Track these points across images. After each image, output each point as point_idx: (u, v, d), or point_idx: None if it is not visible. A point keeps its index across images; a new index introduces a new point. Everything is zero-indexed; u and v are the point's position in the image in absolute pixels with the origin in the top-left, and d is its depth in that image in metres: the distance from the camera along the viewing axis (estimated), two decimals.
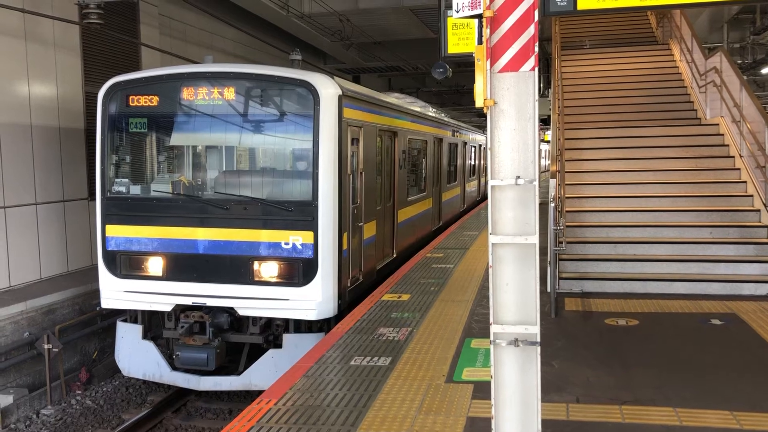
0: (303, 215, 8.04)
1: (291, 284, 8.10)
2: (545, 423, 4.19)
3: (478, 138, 24.21)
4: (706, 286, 8.93)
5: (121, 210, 8.56)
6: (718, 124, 12.19)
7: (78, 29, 11.97)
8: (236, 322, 8.51)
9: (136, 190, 8.71)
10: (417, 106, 15.02)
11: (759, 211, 10.15)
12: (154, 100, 8.47)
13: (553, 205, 7.92)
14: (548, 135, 33.09)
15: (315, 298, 8.07)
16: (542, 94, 20.12)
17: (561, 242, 8.54)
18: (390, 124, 11.16)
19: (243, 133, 8.70)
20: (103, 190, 8.63)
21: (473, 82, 3.82)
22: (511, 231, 3.81)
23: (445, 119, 17.87)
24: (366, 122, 9.51)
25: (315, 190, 8.03)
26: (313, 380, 5.76)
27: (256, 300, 8.16)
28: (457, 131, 19.34)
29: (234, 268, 8.19)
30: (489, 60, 3.77)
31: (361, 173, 9.36)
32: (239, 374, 8.35)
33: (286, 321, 8.37)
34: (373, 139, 9.98)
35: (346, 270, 8.68)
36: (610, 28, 18.18)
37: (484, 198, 25.49)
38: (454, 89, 30.01)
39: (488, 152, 3.81)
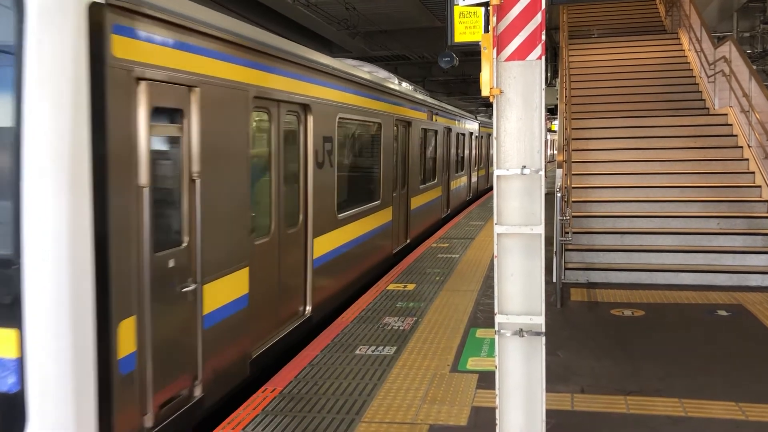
0: None
1: None
2: (550, 413, 4.20)
3: (469, 124, 20.42)
4: (712, 277, 8.90)
5: None
6: (726, 114, 12.11)
7: None
8: None
9: None
10: (362, 70, 10.00)
11: (766, 202, 10.10)
12: None
13: (559, 195, 7.89)
14: (555, 124, 32.99)
15: None
16: (549, 84, 20.01)
17: (567, 232, 8.53)
18: (292, 92, 6.60)
19: None
20: None
21: (480, 71, 3.80)
22: (517, 221, 3.80)
23: (417, 96, 13.06)
24: (211, 79, 5.00)
25: (18, 229, 3.59)
26: (318, 369, 5.77)
27: None
28: (437, 113, 14.92)
29: None
30: (495, 49, 3.74)
31: (193, 181, 4.83)
32: None
33: None
34: (236, 114, 5.44)
35: (133, 400, 4.12)
36: (618, 17, 18.06)
37: (478, 196, 23.19)
38: (460, 78, 29.88)
39: (494, 141, 3.79)
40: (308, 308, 7.15)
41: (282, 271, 6.53)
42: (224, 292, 5.27)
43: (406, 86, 13.30)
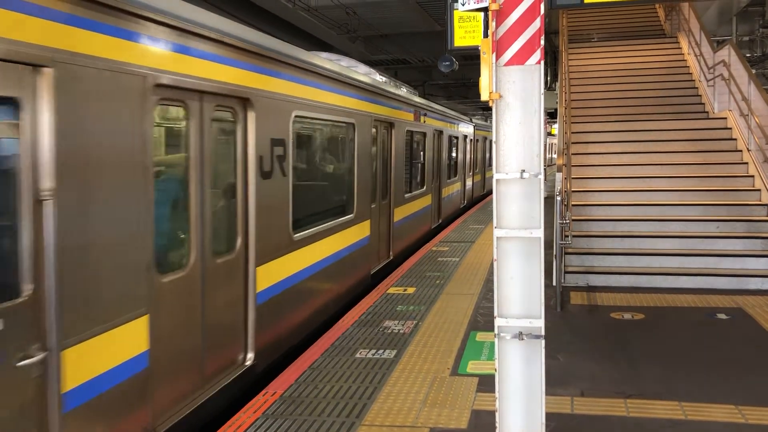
0: None
1: None
2: (549, 416, 4.21)
3: (463, 127, 19.19)
4: (712, 281, 8.91)
5: None
6: (725, 118, 12.14)
7: None
8: None
9: None
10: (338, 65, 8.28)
11: (766, 205, 10.12)
12: None
13: (559, 198, 7.91)
14: (555, 128, 33.01)
15: None
16: (549, 87, 20.04)
17: (567, 236, 8.54)
18: (222, 81, 5.09)
19: None
20: None
21: (479, 75, 3.82)
22: (516, 225, 3.82)
23: (401, 95, 11.49)
24: (74, 57, 3.48)
25: None
26: (319, 372, 5.78)
27: None
28: (426, 114, 13.56)
29: None
30: (495, 53, 3.76)
31: (40, 203, 3.39)
32: None
33: None
34: (123, 107, 3.91)
35: None
36: (618, 21, 18.10)
37: (473, 203, 22.32)
38: (460, 82, 30.00)
39: (493, 145, 3.81)
40: (249, 355, 5.68)
41: (208, 313, 5.00)
42: (104, 355, 3.76)
43: (402, 89, 12.30)
